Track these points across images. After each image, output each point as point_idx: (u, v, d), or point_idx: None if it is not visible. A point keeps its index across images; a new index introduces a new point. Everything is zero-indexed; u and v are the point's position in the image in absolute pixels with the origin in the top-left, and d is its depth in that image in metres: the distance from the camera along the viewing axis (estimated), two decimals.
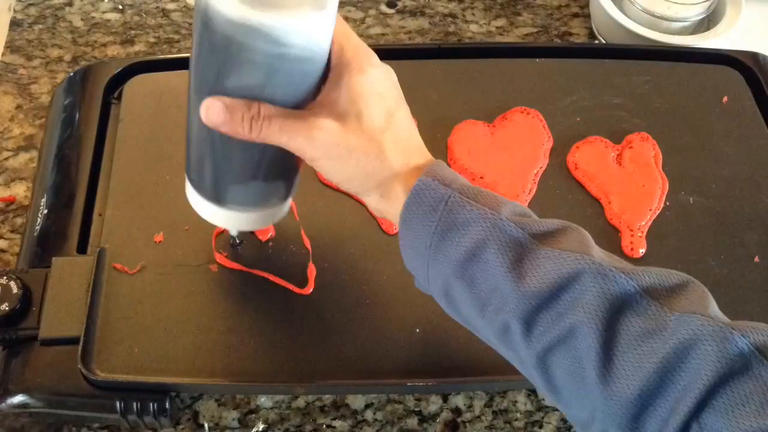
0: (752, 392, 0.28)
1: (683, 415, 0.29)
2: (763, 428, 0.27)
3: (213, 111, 0.36)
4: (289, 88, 0.36)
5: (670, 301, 0.32)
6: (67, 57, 0.73)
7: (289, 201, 0.46)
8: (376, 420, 0.53)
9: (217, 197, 0.42)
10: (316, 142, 0.37)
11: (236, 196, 0.42)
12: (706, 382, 0.29)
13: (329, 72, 0.38)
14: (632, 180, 0.57)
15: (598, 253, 0.35)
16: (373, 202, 0.40)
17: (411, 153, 0.39)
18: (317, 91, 0.38)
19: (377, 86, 0.38)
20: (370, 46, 0.40)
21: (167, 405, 0.48)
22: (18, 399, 0.47)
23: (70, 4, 0.77)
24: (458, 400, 0.54)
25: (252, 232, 0.53)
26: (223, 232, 0.53)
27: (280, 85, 0.36)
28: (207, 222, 0.53)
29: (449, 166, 0.57)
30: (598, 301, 0.32)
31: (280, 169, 0.41)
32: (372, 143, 0.37)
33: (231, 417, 0.52)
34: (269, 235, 0.53)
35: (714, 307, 0.32)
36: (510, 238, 0.35)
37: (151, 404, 0.47)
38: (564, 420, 0.53)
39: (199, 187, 0.43)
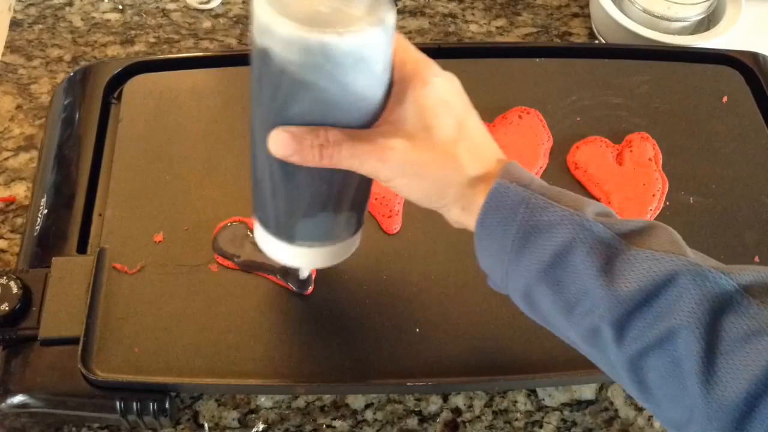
0: None
1: None
2: None
3: (280, 142, 0.35)
4: (353, 108, 0.35)
5: None
6: (67, 57, 0.73)
7: (360, 235, 0.44)
8: (376, 420, 0.53)
9: (286, 234, 0.41)
10: (390, 163, 0.35)
11: (306, 231, 0.40)
12: None
13: (392, 87, 0.37)
14: (632, 180, 0.57)
15: (690, 252, 0.34)
16: (454, 216, 0.38)
17: (487, 159, 0.37)
18: (382, 108, 0.37)
19: (443, 96, 0.37)
20: None
21: (167, 405, 0.48)
22: (18, 399, 0.47)
23: (70, 4, 0.77)
24: (458, 400, 0.54)
25: (250, 227, 0.53)
26: (220, 232, 0.53)
27: (343, 107, 0.35)
28: (207, 222, 0.53)
29: None
30: (698, 303, 0.31)
31: (350, 197, 0.40)
32: (446, 156, 0.36)
33: (231, 417, 0.52)
34: None
35: None
36: (598, 238, 0.34)
37: (151, 404, 0.47)
38: (564, 420, 0.53)
39: (266, 225, 0.41)
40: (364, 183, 0.39)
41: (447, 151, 0.36)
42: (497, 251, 0.36)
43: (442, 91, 0.37)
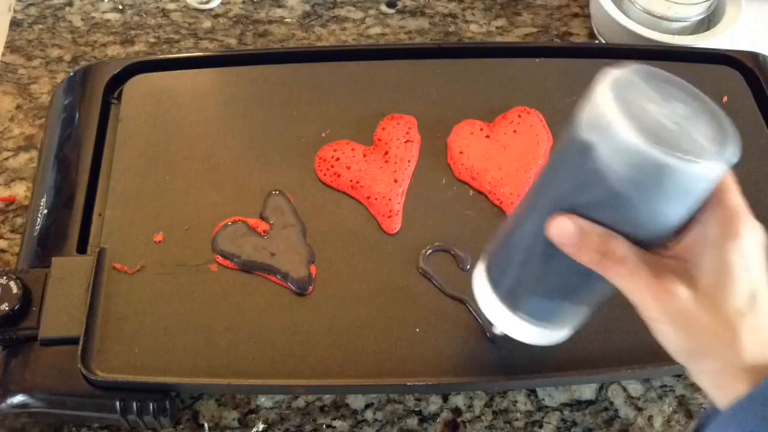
0: None
1: None
2: None
3: (564, 230, 0.34)
4: (649, 228, 0.33)
5: None
6: (67, 57, 0.73)
7: (571, 331, 0.42)
8: (376, 420, 0.53)
9: (511, 301, 0.40)
10: (663, 306, 0.33)
11: (532, 307, 0.39)
12: None
13: (693, 221, 0.34)
14: None
15: None
16: (701, 382, 0.35)
17: (766, 346, 0.33)
18: (674, 236, 0.34)
19: (748, 257, 0.33)
20: (369, 46, 0.39)
21: (167, 405, 0.48)
22: (18, 399, 0.47)
23: (70, 4, 0.77)
24: (458, 400, 0.54)
25: (250, 227, 0.53)
26: (220, 232, 0.53)
27: (640, 224, 0.33)
28: (207, 222, 0.53)
29: (449, 165, 0.57)
30: None
31: (594, 298, 0.38)
32: (726, 328, 0.32)
33: (231, 417, 0.52)
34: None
35: None
36: None
37: (151, 404, 0.47)
38: (564, 420, 0.53)
39: (495, 283, 0.40)
40: (615, 294, 0.37)
41: (729, 323, 0.32)
42: None
43: (748, 250, 0.33)
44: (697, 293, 0.33)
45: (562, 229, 0.34)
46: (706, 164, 0.31)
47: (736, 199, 0.34)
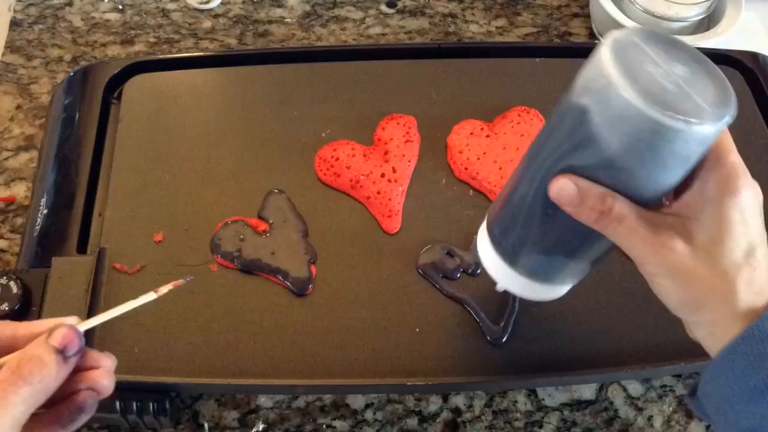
0: None
1: None
2: None
3: (564, 191, 0.34)
4: (647, 187, 0.33)
5: None
6: (67, 57, 0.73)
7: (570, 287, 0.42)
8: (376, 420, 0.53)
9: (511, 257, 0.40)
10: (661, 261, 0.34)
11: (532, 264, 0.39)
12: None
13: (691, 179, 0.35)
14: None
15: None
16: (697, 334, 0.36)
17: (762, 296, 0.34)
18: (672, 193, 0.35)
19: (745, 213, 0.34)
20: (369, 46, 0.38)
21: (167, 405, 0.48)
22: None
23: (70, 4, 0.77)
24: (458, 400, 0.54)
25: (249, 226, 0.53)
26: (220, 231, 0.53)
27: (638, 183, 0.33)
28: (207, 222, 0.53)
29: (449, 165, 0.57)
30: None
31: (592, 256, 0.38)
32: (722, 281, 0.33)
33: (231, 417, 0.52)
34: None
35: None
36: None
37: (151, 404, 0.47)
38: (564, 420, 0.53)
39: (496, 240, 0.41)
40: (614, 251, 0.37)
41: (725, 276, 0.33)
42: (736, 382, 0.34)
43: (746, 207, 0.34)
44: (695, 248, 0.33)
45: (562, 189, 0.34)
46: (706, 126, 0.30)
47: (734, 157, 0.35)
